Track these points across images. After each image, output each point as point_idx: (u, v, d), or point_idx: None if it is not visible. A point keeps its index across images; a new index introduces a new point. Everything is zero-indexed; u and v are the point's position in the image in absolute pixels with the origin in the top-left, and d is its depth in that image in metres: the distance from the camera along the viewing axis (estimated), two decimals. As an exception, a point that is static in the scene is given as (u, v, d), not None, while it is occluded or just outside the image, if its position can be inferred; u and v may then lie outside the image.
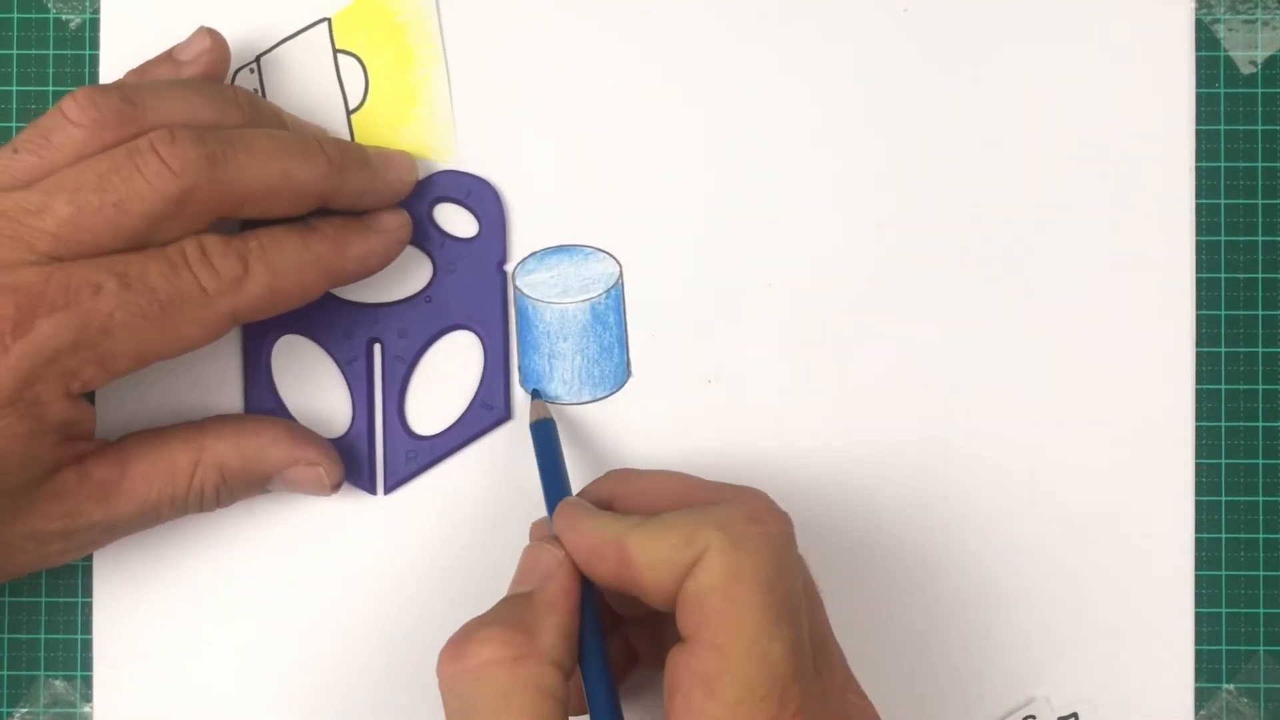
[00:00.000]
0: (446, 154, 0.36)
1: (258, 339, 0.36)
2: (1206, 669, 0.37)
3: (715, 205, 0.36)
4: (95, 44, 0.37)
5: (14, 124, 0.37)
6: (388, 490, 0.36)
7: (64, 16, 0.37)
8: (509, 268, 0.36)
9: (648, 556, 0.28)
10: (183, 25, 0.35)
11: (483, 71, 0.37)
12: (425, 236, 0.36)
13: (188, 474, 0.33)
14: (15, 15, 0.37)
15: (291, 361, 0.36)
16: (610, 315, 0.36)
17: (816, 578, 0.30)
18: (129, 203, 0.30)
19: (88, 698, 0.36)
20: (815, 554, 0.31)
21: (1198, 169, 0.37)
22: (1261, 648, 0.37)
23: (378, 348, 0.36)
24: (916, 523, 0.36)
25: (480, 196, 0.36)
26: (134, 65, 0.34)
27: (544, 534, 0.31)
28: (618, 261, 0.36)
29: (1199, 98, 0.37)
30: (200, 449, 0.33)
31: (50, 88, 0.37)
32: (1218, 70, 0.37)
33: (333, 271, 0.33)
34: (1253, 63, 0.37)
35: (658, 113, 0.37)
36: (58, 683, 0.36)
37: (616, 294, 0.36)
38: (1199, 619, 0.36)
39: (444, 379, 0.36)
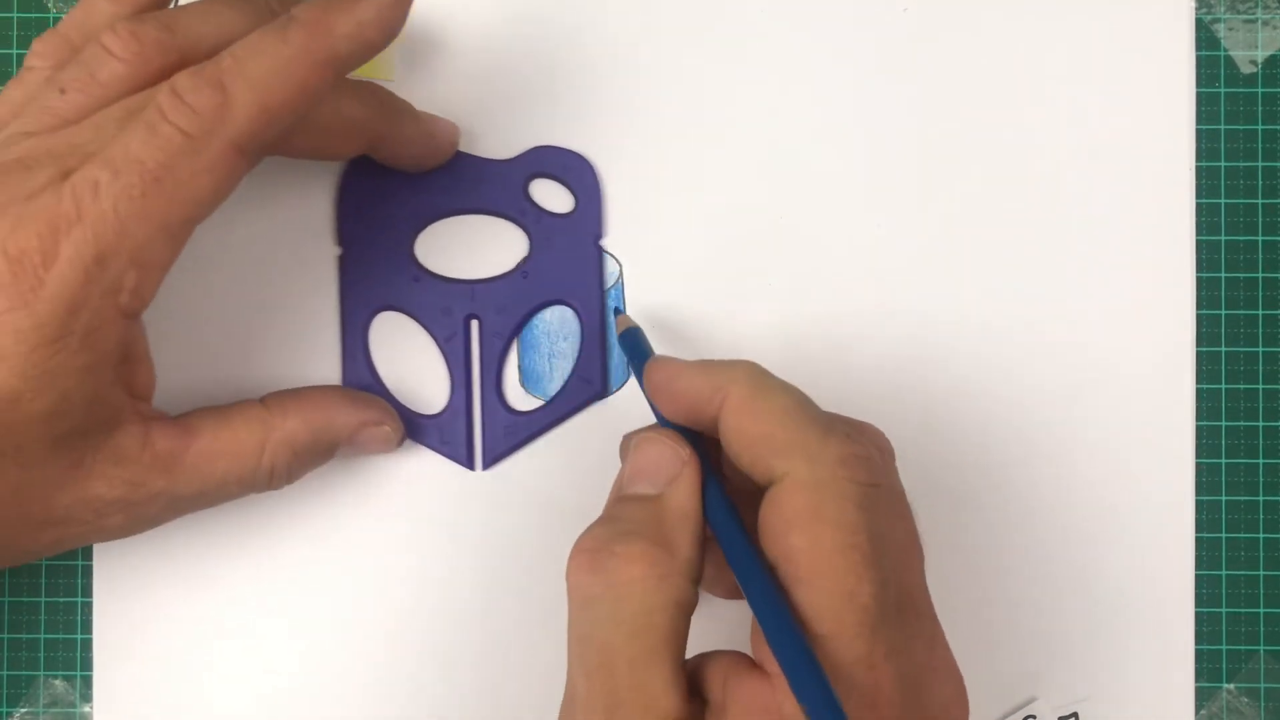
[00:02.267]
0: (386, 72, 0.36)
1: (355, 316, 0.36)
2: (1206, 669, 0.37)
3: (715, 204, 0.36)
4: (95, 44, 0.37)
5: (14, 124, 0.37)
6: (486, 465, 0.36)
7: (63, 15, 0.37)
8: (605, 242, 0.36)
9: (736, 423, 0.28)
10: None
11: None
12: (521, 211, 0.36)
13: (256, 453, 0.32)
14: (15, 15, 0.37)
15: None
16: (611, 315, 0.36)
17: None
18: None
19: (88, 698, 0.36)
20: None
21: (1198, 169, 0.37)
22: (1261, 648, 0.37)
23: (475, 324, 0.36)
24: (916, 523, 0.36)
25: (577, 172, 0.36)
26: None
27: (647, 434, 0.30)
28: (618, 261, 0.36)
29: (1199, 98, 0.37)
30: (267, 427, 0.33)
31: (50, 88, 0.37)
32: (1218, 70, 0.37)
33: (328, 59, 0.29)
34: (1253, 62, 0.37)
35: (656, 113, 0.37)
36: (58, 683, 0.36)
37: (616, 294, 0.36)
38: (1199, 619, 0.36)
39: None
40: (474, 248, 0.36)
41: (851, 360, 0.36)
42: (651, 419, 0.31)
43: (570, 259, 0.36)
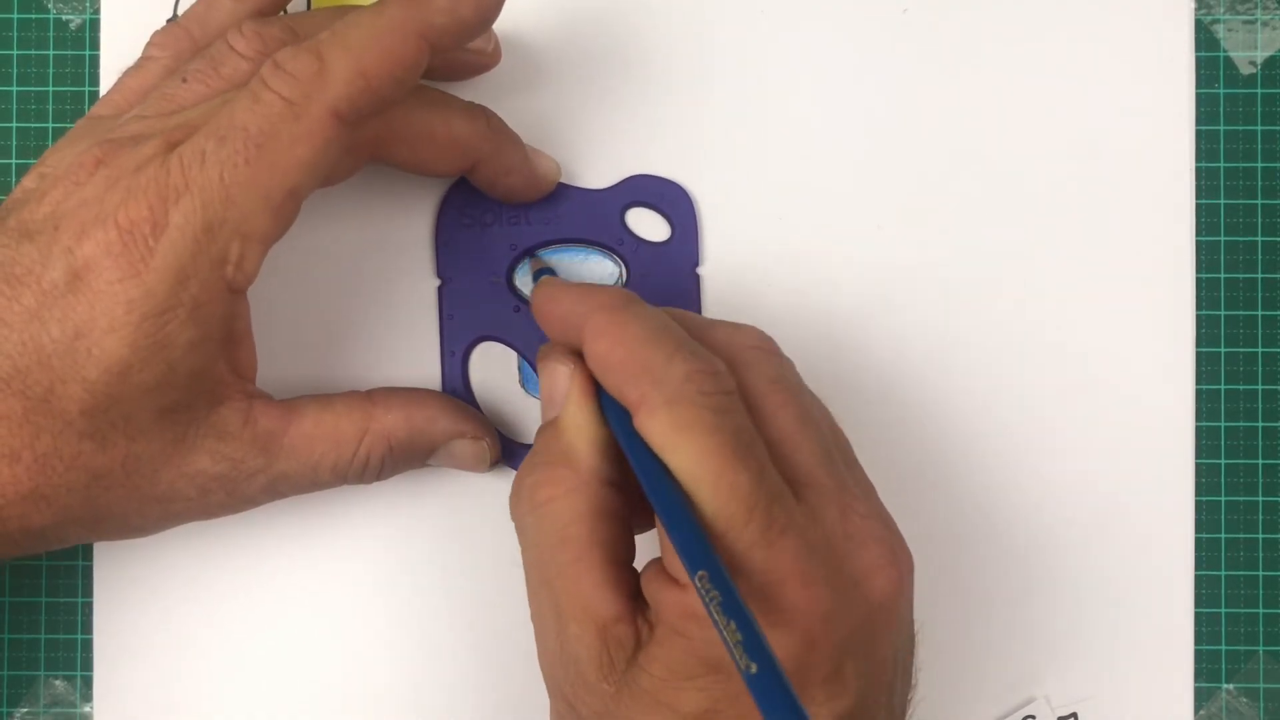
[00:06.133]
0: None
1: (454, 345, 0.36)
2: (1206, 669, 0.37)
3: (714, 205, 0.36)
4: (95, 44, 0.37)
5: (14, 124, 0.37)
6: None
7: (64, 16, 0.37)
8: (702, 270, 0.36)
9: (593, 348, 0.29)
10: (183, 25, 0.35)
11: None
12: (619, 240, 0.36)
13: (354, 442, 0.32)
14: (15, 15, 0.37)
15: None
16: None
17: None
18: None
19: (88, 698, 0.36)
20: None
21: (1198, 169, 0.37)
22: (1261, 648, 0.37)
23: None
24: (916, 523, 0.36)
25: (673, 200, 0.36)
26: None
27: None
28: (618, 262, 0.36)
29: (1199, 98, 0.37)
30: (369, 418, 0.33)
31: (50, 88, 0.37)
32: (1218, 70, 0.37)
33: (421, 30, 0.30)
34: (1253, 63, 0.37)
35: (653, 114, 0.37)
36: (58, 683, 0.36)
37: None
38: (1199, 619, 0.36)
39: None
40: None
41: (850, 361, 0.36)
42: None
43: (667, 287, 0.36)
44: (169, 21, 0.36)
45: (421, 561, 0.36)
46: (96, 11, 0.37)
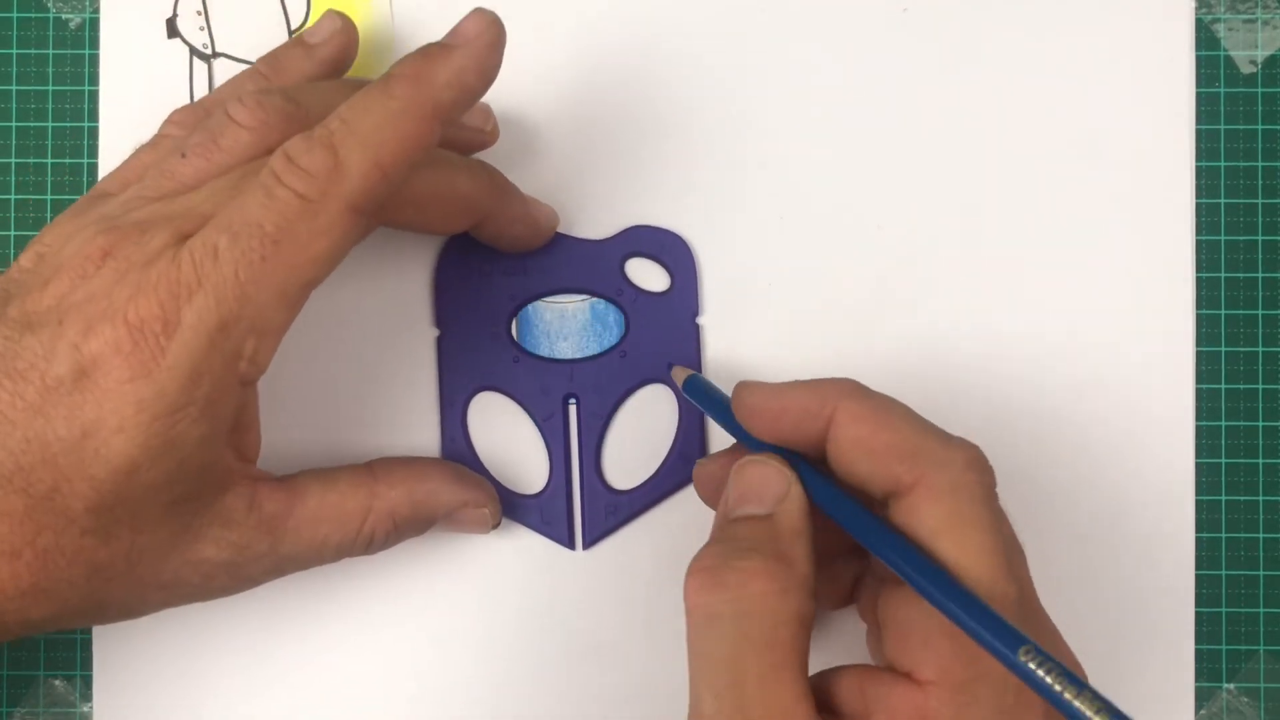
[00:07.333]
0: (383, 68, 0.36)
1: (454, 395, 0.36)
2: (1206, 669, 0.37)
3: (714, 205, 0.36)
4: (95, 44, 0.37)
5: (13, 124, 0.37)
6: (587, 545, 0.36)
7: (64, 16, 0.37)
8: (702, 320, 0.36)
9: (854, 433, 0.28)
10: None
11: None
12: (618, 291, 0.36)
13: (358, 520, 0.32)
14: (15, 15, 0.37)
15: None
16: (610, 315, 0.36)
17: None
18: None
19: (88, 698, 0.36)
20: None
21: (1198, 169, 0.37)
22: (1261, 647, 0.37)
23: (573, 403, 0.36)
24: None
25: (673, 250, 0.36)
26: (134, 64, 0.34)
27: (750, 456, 0.30)
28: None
29: (1199, 98, 0.37)
30: (372, 495, 0.32)
31: (50, 87, 0.37)
32: (1218, 70, 0.37)
33: (433, 110, 0.29)
34: (1253, 62, 0.37)
35: (653, 112, 0.37)
36: (58, 683, 0.36)
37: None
38: (1199, 619, 0.36)
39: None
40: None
41: (851, 361, 0.36)
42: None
43: (668, 337, 0.36)
44: (180, 106, 0.35)
45: (422, 582, 0.36)
46: (96, 11, 0.37)
